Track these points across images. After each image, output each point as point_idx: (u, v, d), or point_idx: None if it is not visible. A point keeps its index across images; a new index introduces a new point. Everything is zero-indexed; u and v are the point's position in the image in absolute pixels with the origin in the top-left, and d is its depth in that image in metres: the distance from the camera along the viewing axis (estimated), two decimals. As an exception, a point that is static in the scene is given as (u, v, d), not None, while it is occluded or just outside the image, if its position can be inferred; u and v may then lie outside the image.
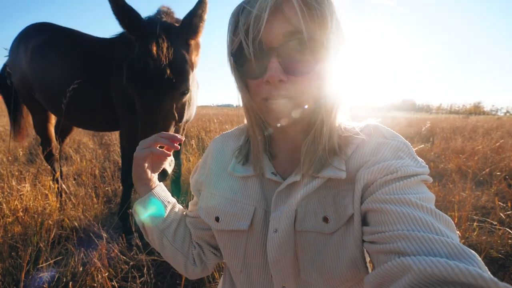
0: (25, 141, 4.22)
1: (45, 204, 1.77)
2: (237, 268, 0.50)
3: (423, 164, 0.42)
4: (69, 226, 1.77)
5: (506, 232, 1.70)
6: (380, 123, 0.48)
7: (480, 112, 38.23)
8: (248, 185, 0.50)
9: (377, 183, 0.39)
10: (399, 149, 0.42)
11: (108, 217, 2.11)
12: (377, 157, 0.42)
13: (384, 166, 0.40)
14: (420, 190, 0.39)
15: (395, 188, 0.38)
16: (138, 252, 1.51)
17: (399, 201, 0.36)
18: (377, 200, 0.38)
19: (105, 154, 3.77)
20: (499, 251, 1.61)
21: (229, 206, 0.50)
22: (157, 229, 0.53)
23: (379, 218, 0.37)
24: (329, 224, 0.43)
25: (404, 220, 0.34)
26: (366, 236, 0.39)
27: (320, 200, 0.45)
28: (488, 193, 2.49)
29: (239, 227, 0.48)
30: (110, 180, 2.64)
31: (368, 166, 0.41)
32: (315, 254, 0.44)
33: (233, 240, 0.49)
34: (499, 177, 2.78)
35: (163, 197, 0.55)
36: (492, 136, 5.23)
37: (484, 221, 1.91)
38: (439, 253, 0.30)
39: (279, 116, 0.42)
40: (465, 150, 3.91)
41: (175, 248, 0.55)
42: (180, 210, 0.59)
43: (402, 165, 0.39)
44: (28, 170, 2.66)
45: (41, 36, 1.90)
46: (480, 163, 3.25)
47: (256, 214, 0.48)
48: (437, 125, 6.56)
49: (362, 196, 0.41)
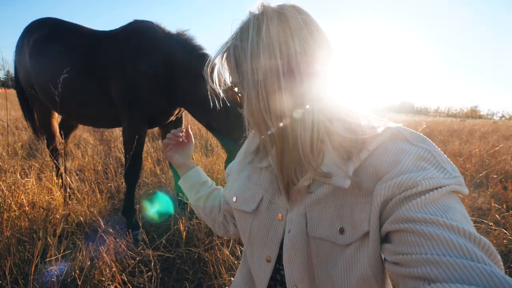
0: (25, 135, 4.21)
1: (49, 198, 1.79)
2: (244, 243, 0.58)
3: (454, 173, 0.37)
4: (75, 221, 1.79)
5: (502, 232, 1.76)
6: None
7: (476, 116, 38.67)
8: (262, 175, 0.57)
9: (396, 199, 0.36)
10: (422, 158, 0.37)
11: (111, 213, 2.13)
12: (396, 169, 0.37)
13: (402, 180, 0.35)
14: (448, 204, 0.34)
15: (418, 205, 0.34)
16: (145, 247, 1.53)
17: (426, 220, 0.32)
18: (400, 219, 0.34)
19: (106, 150, 3.77)
20: (495, 251, 1.67)
21: (244, 191, 0.58)
22: (192, 201, 0.74)
23: (404, 238, 0.33)
24: (345, 236, 0.41)
25: (434, 242, 0.30)
26: (388, 255, 0.36)
27: (337, 209, 0.43)
28: (485, 195, 2.55)
29: (245, 209, 0.56)
30: (113, 176, 2.65)
31: (386, 179, 0.37)
32: (329, 263, 0.44)
33: (243, 219, 0.57)
34: (495, 180, 2.85)
35: (195, 178, 0.74)
36: (489, 139, 5.31)
37: (480, 222, 1.96)
38: (475, 282, 0.26)
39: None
40: (462, 153, 3.98)
41: (205, 214, 0.72)
42: (210, 187, 0.74)
43: (424, 177, 0.35)
44: (30, 165, 2.66)
45: (43, 30, 1.90)
46: (477, 166, 3.31)
47: (263, 201, 0.54)
48: (435, 128, 6.64)
49: (380, 214, 0.37)
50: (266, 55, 0.40)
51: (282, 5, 0.44)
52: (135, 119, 1.70)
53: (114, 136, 4.47)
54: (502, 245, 1.71)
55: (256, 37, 0.41)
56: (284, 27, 0.41)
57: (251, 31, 0.42)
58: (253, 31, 0.42)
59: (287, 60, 0.40)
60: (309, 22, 0.43)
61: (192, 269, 1.46)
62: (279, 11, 0.43)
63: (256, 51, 0.41)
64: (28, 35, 1.97)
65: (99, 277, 1.28)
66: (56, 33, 1.87)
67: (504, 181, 2.86)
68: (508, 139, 5.79)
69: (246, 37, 0.42)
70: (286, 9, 0.43)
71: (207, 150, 3.66)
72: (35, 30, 1.95)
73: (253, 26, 0.42)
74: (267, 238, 0.52)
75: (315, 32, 0.42)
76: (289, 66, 0.40)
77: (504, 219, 2.04)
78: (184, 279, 1.42)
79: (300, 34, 0.41)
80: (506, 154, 3.79)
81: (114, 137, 4.38)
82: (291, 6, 0.44)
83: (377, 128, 0.43)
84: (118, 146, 3.74)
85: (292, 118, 0.41)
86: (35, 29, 1.96)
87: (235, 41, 0.44)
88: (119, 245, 1.48)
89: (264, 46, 0.40)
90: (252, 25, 0.42)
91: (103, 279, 1.27)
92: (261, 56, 0.40)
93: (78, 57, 1.75)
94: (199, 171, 0.75)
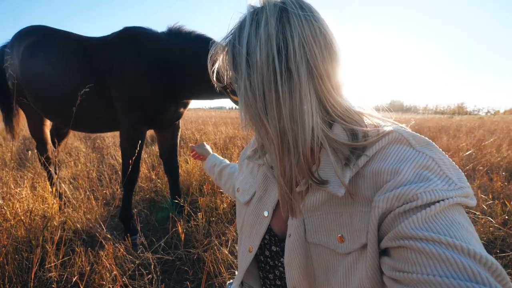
0: (14, 145, 4.13)
1: (44, 207, 1.77)
2: (238, 229, 0.63)
3: (460, 183, 0.34)
4: (72, 229, 1.78)
5: (488, 221, 1.85)
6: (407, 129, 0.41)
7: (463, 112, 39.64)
8: (260, 171, 0.59)
9: (395, 213, 0.33)
10: (424, 167, 0.34)
11: (108, 219, 2.12)
12: (397, 179, 0.34)
13: (402, 192, 0.33)
14: (452, 219, 0.31)
15: (419, 221, 0.31)
16: (144, 250, 1.54)
17: (427, 238, 0.30)
18: (400, 236, 0.32)
19: (99, 158, 3.74)
20: (481, 239, 1.75)
21: (244, 183, 0.62)
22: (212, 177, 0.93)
23: (404, 254, 0.31)
24: (344, 244, 0.40)
25: (435, 262, 0.28)
26: (387, 270, 0.33)
27: (337, 216, 0.42)
28: (472, 186, 2.66)
29: (240, 200, 0.60)
30: (108, 183, 2.64)
31: (385, 190, 0.35)
32: (330, 271, 0.42)
33: (239, 208, 0.62)
34: (481, 172, 2.97)
35: (212, 162, 0.93)
36: (475, 134, 5.51)
37: (468, 212, 2.05)
38: None
39: None
40: (450, 147, 4.12)
41: (222, 185, 0.88)
42: (218, 167, 0.89)
43: (426, 190, 0.32)
44: (21, 175, 2.62)
45: (33, 37, 1.90)
46: (465, 159, 3.45)
47: (255, 195, 0.57)
48: (424, 125, 6.84)
49: (379, 226, 0.35)
50: (263, 54, 0.38)
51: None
52: (135, 122, 1.71)
53: (106, 143, 4.43)
54: (489, 232, 1.80)
55: (254, 34, 0.39)
56: (284, 24, 0.39)
57: (247, 27, 0.40)
58: (251, 27, 0.40)
59: (286, 59, 0.38)
60: (312, 19, 0.40)
61: (192, 270, 1.48)
62: (280, 6, 0.40)
63: (253, 49, 0.39)
64: (18, 42, 1.96)
65: (100, 281, 1.28)
66: (49, 40, 1.86)
67: (490, 172, 2.99)
68: (493, 133, 6.02)
69: (244, 33, 0.40)
70: (288, 4, 0.40)
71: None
72: (26, 37, 1.93)
73: (252, 22, 0.40)
74: (252, 230, 0.56)
75: (317, 31, 0.39)
76: (287, 66, 0.38)
77: (490, 209, 2.14)
78: (184, 279, 1.43)
79: (300, 32, 0.38)
80: (490, 147, 3.94)
81: (106, 145, 4.35)
82: (294, 1, 0.40)
83: (379, 130, 0.40)
84: (112, 153, 3.71)
85: (291, 120, 0.39)
86: (26, 35, 1.95)
87: (232, 38, 0.42)
88: (118, 249, 1.49)
89: (262, 44, 0.38)
90: (250, 20, 0.40)
91: (104, 283, 1.28)
92: (257, 55, 0.38)
93: (74, 63, 1.75)
94: (211, 158, 0.96)
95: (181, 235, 1.62)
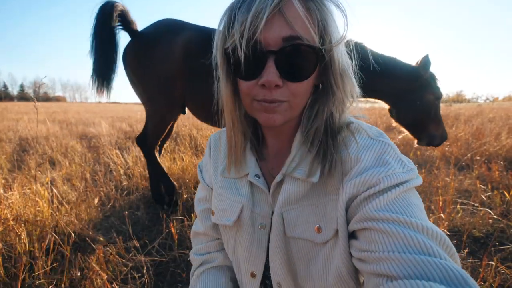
0: (8, 147, 4.07)
1: (35, 211, 1.73)
2: (230, 256, 0.55)
3: (410, 165, 0.39)
4: (63, 232, 1.74)
5: (487, 212, 1.81)
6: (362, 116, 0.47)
7: (462, 100, 39.46)
8: (239, 183, 0.52)
9: (361, 198, 0.37)
10: (384, 152, 0.40)
11: (102, 221, 2.08)
12: (361, 165, 0.39)
13: (366, 178, 0.37)
14: (408, 201, 0.36)
15: (381, 203, 0.35)
16: (136, 253, 1.51)
17: (388, 218, 0.33)
18: (364, 218, 0.35)
19: (95, 157, 3.69)
20: (480, 231, 1.72)
21: (219, 202, 0.53)
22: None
23: (368, 235, 0.35)
24: (321, 234, 0.42)
25: (395, 240, 0.32)
26: (354, 251, 0.37)
27: (313, 208, 0.44)
28: (470, 177, 2.63)
29: (225, 223, 0.51)
30: (102, 183, 2.60)
31: (351, 177, 0.39)
32: (310, 262, 0.44)
33: (225, 233, 0.54)
34: (480, 162, 2.93)
35: None
36: (473, 123, 5.46)
37: (466, 203, 2.02)
38: (433, 277, 0.28)
39: (270, 117, 0.41)
40: (448, 137, 4.07)
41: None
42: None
43: (386, 174, 0.37)
44: (14, 178, 2.58)
45: (186, 32, 1.77)
46: (463, 149, 3.41)
47: (243, 211, 0.50)
48: (422, 114, 6.77)
49: (347, 211, 0.39)
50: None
51: None
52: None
53: (102, 142, 4.38)
54: (488, 224, 1.77)
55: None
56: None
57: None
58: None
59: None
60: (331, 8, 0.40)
61: (186, 272, 1.45)
62: None
63: None
64: (172, 34, 1.77)
65: (90, 287, 1.25)
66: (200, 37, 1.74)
67: (488, 162, 2.95)
68: (491, 122, 5.97)
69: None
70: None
71: (197, 150, 3.63)
72: (178, 31, 1.78)
73: None
74: (251, 251, 0.49)
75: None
76: None
77: (490, 199, 2.10)
78: (178, 282, 1.41)
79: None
80: (489, 136, 3.90)
81: (101, 144, 4.29)
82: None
83: (343, 122, 0.44)
84: (107, 152, 3.66)
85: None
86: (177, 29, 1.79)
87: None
88: (109, 253, 1.45)
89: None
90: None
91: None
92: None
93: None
94: None
95: (175, 236, 1.58)
